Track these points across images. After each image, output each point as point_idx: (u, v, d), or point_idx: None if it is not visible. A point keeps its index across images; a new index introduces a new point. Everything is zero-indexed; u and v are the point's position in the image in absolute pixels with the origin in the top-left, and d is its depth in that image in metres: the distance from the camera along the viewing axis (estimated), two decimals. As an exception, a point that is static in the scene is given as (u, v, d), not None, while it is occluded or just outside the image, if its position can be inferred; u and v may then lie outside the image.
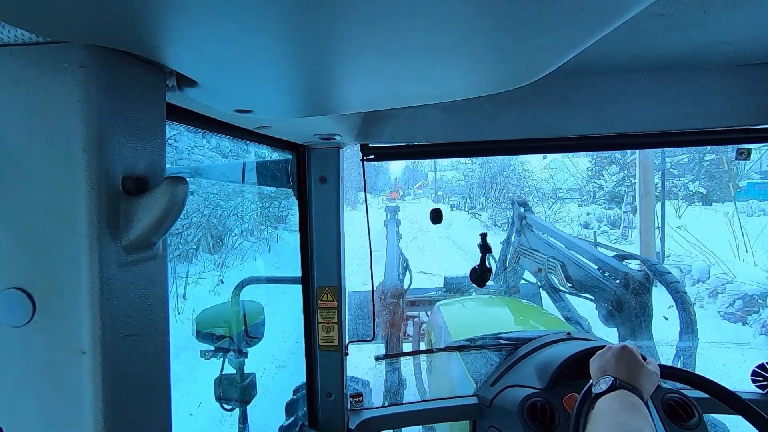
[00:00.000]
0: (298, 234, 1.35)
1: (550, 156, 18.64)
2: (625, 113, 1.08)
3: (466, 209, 22.09)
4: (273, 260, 9.71)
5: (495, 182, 20.03)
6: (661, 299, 3.04)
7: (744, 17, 0.73)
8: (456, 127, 1.14)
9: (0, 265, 0.38)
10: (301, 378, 1.46)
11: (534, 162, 20.94)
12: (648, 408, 1.05)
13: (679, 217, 13.27)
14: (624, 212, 14.24)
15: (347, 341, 1.41)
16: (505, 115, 1.11)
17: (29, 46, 0.37)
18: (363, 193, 1.43)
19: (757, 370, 1.45)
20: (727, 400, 0.96)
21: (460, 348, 1.87)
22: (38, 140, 0.37)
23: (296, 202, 1.32)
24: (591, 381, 0.99)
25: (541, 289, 4.66)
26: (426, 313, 4.65)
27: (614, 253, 3.48)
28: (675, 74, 1.05)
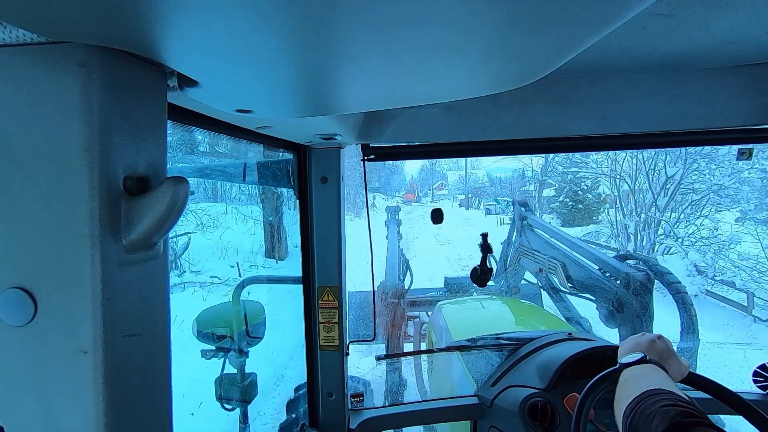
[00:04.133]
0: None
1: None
2: (627, 113, 1.07)
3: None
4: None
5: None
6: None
7: (746, 17, 0.72)
8: (457, 127, 1.14)
9: (1, 265, 0.38)
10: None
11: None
12: None
13: None
14: None
15: (348, 341, 1.41)
16: (506, 115, 1.11)
17: (31, 46, 0.37)
18: (372, 197, 1.44)
19: (758, 370, 1.45)
20: (728, 401, 0.95)
21: (460, 348, 1.87)
22: (39, 140, 0.37)
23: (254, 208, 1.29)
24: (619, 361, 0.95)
25: (541, 289, 4.66)
26: (427, 313, 4.65)
27: (615, 253, 3.50)
28: (677, 74, 1.04)
